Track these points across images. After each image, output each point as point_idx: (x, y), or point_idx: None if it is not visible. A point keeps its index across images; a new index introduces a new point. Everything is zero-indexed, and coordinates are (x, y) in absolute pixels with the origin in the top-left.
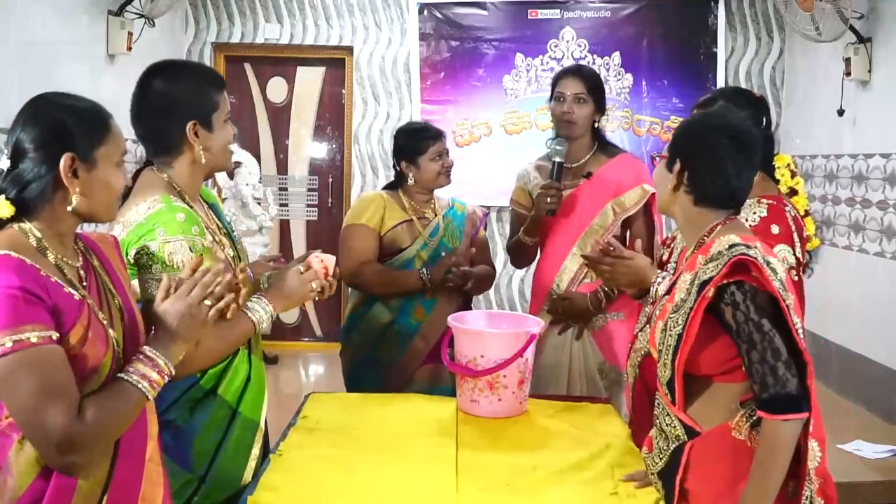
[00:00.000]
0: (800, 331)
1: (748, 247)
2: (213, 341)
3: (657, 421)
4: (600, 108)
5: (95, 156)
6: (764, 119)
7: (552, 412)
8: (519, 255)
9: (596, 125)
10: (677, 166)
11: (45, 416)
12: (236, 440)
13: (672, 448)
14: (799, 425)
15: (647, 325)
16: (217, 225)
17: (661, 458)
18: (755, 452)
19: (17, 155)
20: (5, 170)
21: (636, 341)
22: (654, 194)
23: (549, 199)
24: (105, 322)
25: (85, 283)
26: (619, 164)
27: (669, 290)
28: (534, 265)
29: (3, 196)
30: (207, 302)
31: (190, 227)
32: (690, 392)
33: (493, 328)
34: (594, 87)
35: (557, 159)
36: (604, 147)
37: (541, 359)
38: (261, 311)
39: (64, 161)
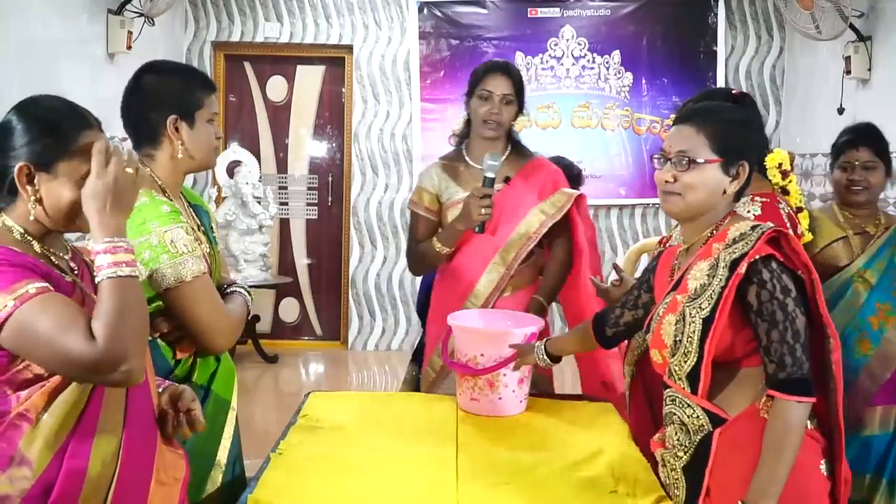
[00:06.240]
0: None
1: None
2: (225, 321)
3: (673, 416)
4: (521, 109)
5: (57, 168)
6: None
7: (552, 411)
8: (424, 263)
9: (512, 126)
10: (737, 168)
11: (67, 349)
12: (209, 417)
13: (697, 440)
14: (809, 408)
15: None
16: (197, 224)
17: (685, 452)
18: (765, 435)
19: None
20: None
21: (632, 340)
22: (580, 196)
23: (483, 210)
24: None
25: (77, 272)
26: (537, 168)
27: (677, 286)
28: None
29: None
30: (129, 170)
31: (178, 216)
32: (714, 381)
33: (493, 327)
34: (520, 88)
35: (490, 174)
36: (518, 149)
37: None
38: (244, 292)
39: (18, 170)
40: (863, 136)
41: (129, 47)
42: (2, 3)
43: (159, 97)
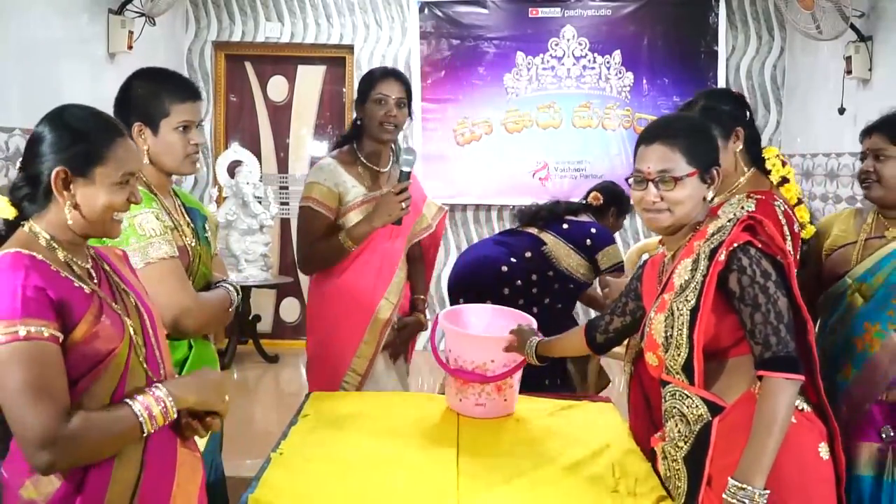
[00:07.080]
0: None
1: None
2: (192, 303)
3: (673, 410)
4: (410, 113)
5: (93, 173)
6: (747, 114)
7: (553, 410)
8: (326, 261)
9: None
10: (712, 173)
11: (28, 412)
12: None
13: (697, 429)
14: (797, 386)
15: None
16: (186, 221)
17: (685, 443)
18: (755, 414)
19: (25, 159)
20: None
21: (631, 338)
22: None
23: (403, 205)
24: (120, 312)
25: (95, 280)
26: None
27: (664, 288)
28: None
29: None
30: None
31: (150, 203)
32: (706, 373)
33: (491, 327)
34: (409, 93)
35: (406, 168)
36: (396, 154)
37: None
38: (230, 287)
39: (55, 174)
40: (877, 122)
41: (129, 47)
42: (2, 3)
43: (129, 103)
